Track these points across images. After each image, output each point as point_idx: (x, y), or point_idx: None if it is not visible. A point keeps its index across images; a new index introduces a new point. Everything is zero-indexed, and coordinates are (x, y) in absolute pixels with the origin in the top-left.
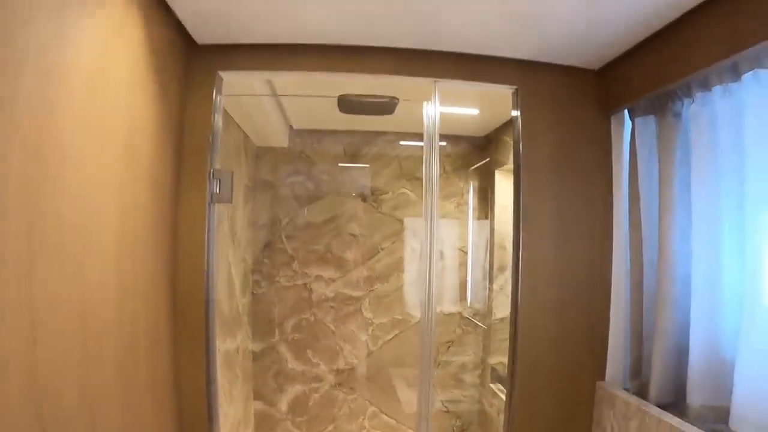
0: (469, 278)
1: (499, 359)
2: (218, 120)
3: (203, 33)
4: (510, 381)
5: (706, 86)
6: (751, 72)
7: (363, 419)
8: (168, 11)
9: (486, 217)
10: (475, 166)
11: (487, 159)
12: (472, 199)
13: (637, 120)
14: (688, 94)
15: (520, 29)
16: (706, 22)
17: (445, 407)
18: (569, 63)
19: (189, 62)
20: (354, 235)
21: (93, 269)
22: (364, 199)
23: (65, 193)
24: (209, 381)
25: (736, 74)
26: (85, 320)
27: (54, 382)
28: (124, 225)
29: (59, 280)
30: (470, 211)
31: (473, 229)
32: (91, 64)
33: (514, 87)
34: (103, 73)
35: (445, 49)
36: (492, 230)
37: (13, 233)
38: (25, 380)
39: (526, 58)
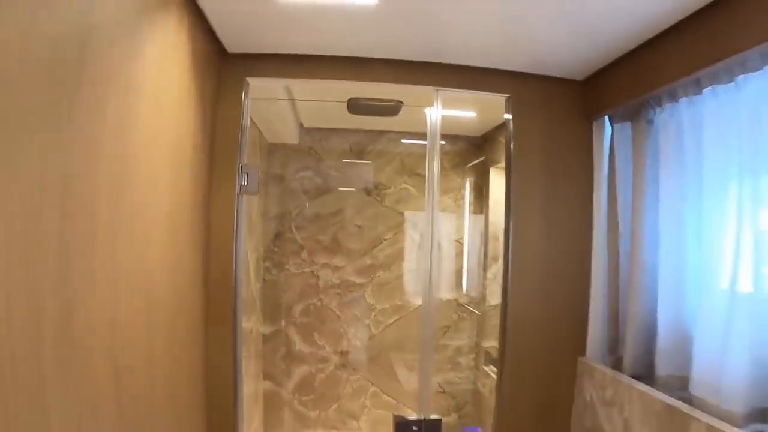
0: (465, 268)
1: (493, 343)
2: (247, 121)
3: (234, 44)
4: (500, 359)
5: (674, 98)
6: (710, 87)
7: (365, 398)
8: (206, 24)
9: (481, 212)
10: (472, 163)
11: (483, 157)
12: (468, 194)
13: (616, 125)
14: (659, 103)
15: (512, 45)
16: (674, 42)
17: (442, 388)
18: (556, 74)
19: (221, 69)
20: (359, 227)
21: (154, 248)
22: (368, 193)
23: (135, 191)
24: (235, 354)
25: (698, 88)
26: (148, 288)
27: (128, 338)
28: (172, 214)
29: (132, 255)
30: (467, 205)
31: (469, 222)
32: (154, 77)
33: (507, 95)
34: (161, 84)
35: (445, 61)
36: (486, 223)
37: (103, 222)
38: (107, 333)
39: (517, 69)
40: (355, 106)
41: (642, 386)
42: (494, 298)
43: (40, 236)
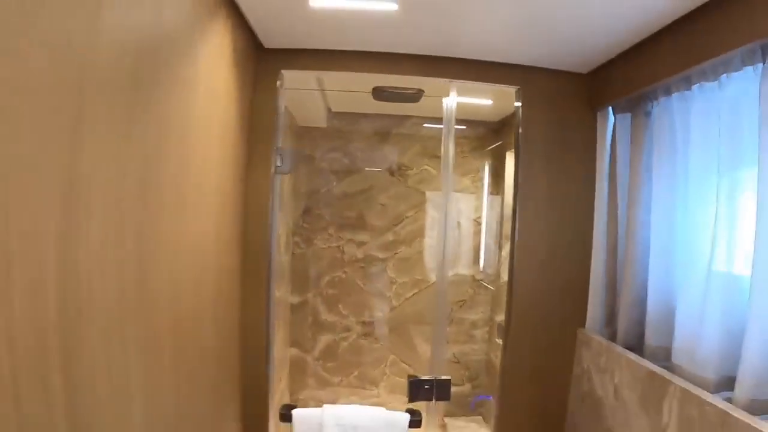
0: (482, 246)
1: None
2: (281, 108)
3: (270, 40)
4: (506, 329)
5: (668, 92)
6: (698, 84)
7: (384, 366)
8: (245, 23)
9: (498, 193)
10: (490, 147)
11: (500, 142)
12: (486, 176)
13: (618, 116)
14: (656, 97)
15: (522, 42)
16: (668, 41)
17: (457, 359)
18: (563, 68)
19: (258, 63)
20: (382, 205)
21: (205, 215)
22: (391, 173)
23: (192, 167)
24: (268, 317)
25: (688, 85)
26: (199, 250)
27: (183, 290)
28: (219, 188)
29: (189, 220)
30: (485, 186)
31: (487, 202)
32: (205, 72)
33: (517, 87)
34: (210, 78)
35: (460, 56)
36: (503, 204)
37: (171, 191)
38: (168, 285)
39: (527, 63)
40: (379, 93)
41: (631, 355)
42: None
43: (130, 202)
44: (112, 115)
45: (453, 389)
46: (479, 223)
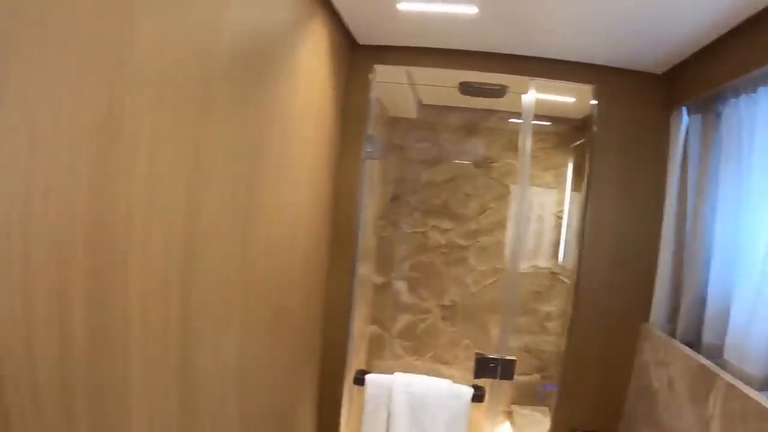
0: (562, 240)
1: None
2: (373, 99)
3: (363, 37)
4: (571, 319)
5: (736, 94)
6: (764, 87)
7: (458, 350)
8: (341, 22)
9: (580, 190)
10: (573, 144)
11: (583, 140)
12: (569, 172)
13: (691, 117)
14: (726, 99)
15: (598, 41)
16: (739, 41)
17: (528, 349)
18: (638, 68)
19: (353, 57)
20: (467, 195)
21: (301, 190)
22: (477, 165)
23: (292, 146)
24: (351, 291)
25: (754, 87)
26: (294, 217)
27: (278, 251)
28: (313, 168)
29: (287, 191)
30: (568, 182)
31: (569, 198)
32: (305, 65)
33: (593, 85)
34: (310, 70)
35: (537, 54)
36: (585, 201)
37: (274, 165)
38: (265, 246)
39: (603, 63)
40: (465, 88)
41: (687, 349)
42: None
43: (246, 171)
44: (229, 101)
45: (522, 378)
46: (560, 218)
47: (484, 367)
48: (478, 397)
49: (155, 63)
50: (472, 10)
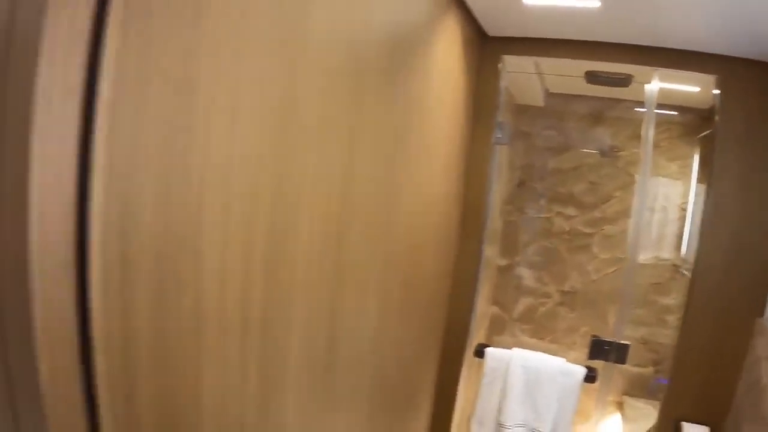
0: (686, 232)
1: None
2: (502, 88)
3: (492, 29)
4: (684, 312)
5: None
6: None
7: (575, 336)
8: (471, 16)
9: (705, 181)
10: (700, 135)
11: (710, 130)
12: (695, 163)
13: None
14: None
15: (722, 31)
16: None
17: (644, 341)
18: (764, 59)
19: (483, 49)
20: (592, 183)
21: (435, 172)
22: (603, 154)
23: (429, 131)
24: (477, 270)
25: None
26: (427, 198)
27: (413, 231)
28: (447, 153)
29: (424, 172)
30: (693, 174)
31: (694, 190)
32: (439, 57)
33: (716, 75)
34: (443, 62)
35: (659, 44)
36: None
37: (413, 146)
38: (404, 219)
39: (727, 53)
40: (591, 77)
41: None
42: None
43: (389, 153)
44: (377, 91)
45: (635, 370)
46: (684, 210)
47: (599, 349)
48: (590, 377)
49: (323, 57)
50: (595, 3)
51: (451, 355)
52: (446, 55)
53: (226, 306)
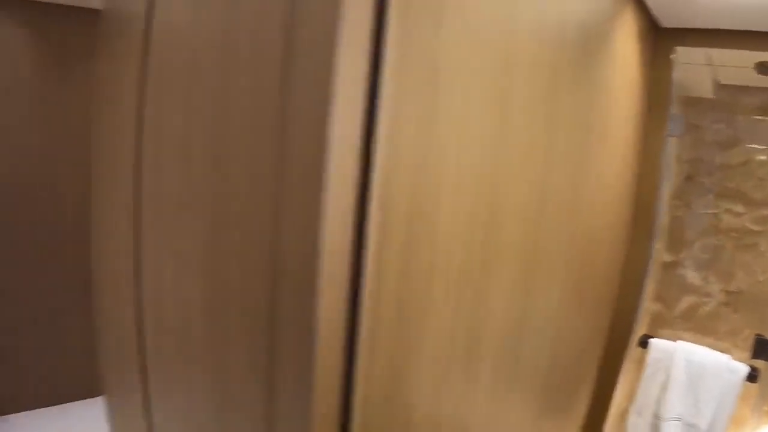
0: None
1: None
2: (675, 79)
3: (666, 20)
4: None
5: None
6: None
7: (737, 339)
8: (645, 7)
9: None
10: None
11: None
12: None
13: None
14: None
15: None
16: None
17: None
18: None
19: (656, 40)
20: (761, 179)
21: (614, 164)
22: None
23: (608, 128)
24: (646, 263)
25: None
26: (606, 188)
27: (592, 221)
28: (622, 147)
29: (603, 167)
30: None
31: None
32: (619, 50)
33: None
34: (623, 56)
35: None
36: None
37: (595, 133)
38: (586, 208)
39: None
40: (763, 68)
41: None
42: None
43: (579, 141)
44: (568, 81)
45: None
46: None
47: (763, 348)
48: (752, 377)
49: (530, 49)
50: None
51: (615, 348)
52: (624, 47)
53: (449, 276)
